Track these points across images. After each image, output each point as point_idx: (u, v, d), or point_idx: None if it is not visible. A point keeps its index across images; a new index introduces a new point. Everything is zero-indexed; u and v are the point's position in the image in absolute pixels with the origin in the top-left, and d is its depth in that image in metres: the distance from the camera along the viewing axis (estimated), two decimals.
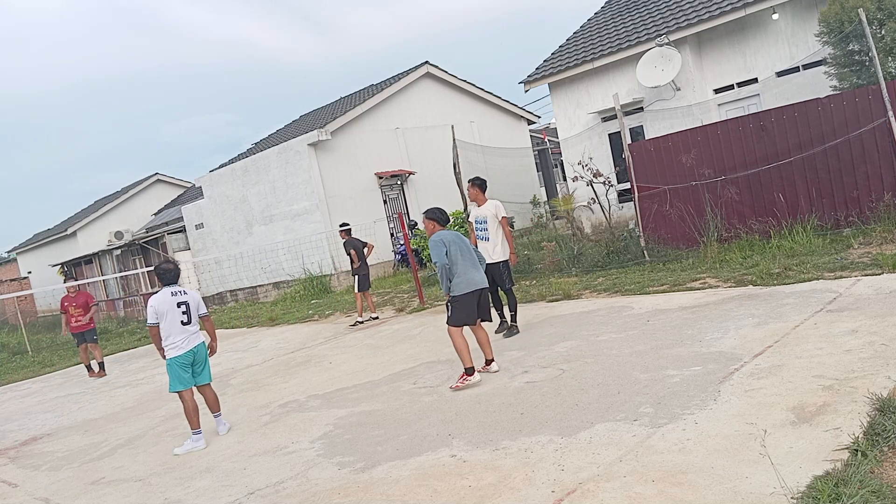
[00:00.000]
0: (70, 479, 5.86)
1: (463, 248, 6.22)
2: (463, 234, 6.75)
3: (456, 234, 6.34)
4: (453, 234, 6.34)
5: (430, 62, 20.95)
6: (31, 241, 33.83)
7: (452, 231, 6.40)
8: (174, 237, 22.92)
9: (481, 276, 6.29)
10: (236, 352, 11.40)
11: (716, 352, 5.39)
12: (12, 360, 17.37)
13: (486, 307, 6.39)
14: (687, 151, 10.06)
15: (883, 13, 10.06)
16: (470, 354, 6.00)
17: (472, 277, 6.18)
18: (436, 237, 6.27)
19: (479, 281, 6.21)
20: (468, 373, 5.95)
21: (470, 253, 6.28)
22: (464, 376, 5.97)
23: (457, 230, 15.95)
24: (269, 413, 6.62)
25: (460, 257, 6.17)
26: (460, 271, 6.15)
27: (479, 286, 6.21)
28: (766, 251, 8.88)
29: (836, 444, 3.40)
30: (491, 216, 7.75)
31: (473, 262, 6.27)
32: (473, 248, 6.39)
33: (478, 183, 7.86)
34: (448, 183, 14.27)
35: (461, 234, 6.50)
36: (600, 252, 11.19)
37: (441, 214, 6.46)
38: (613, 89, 14.18)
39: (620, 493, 3.39)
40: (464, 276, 6.14)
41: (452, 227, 16.30)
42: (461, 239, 6.30)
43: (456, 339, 6.05)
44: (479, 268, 6.32)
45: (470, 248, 6.32)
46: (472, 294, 6.15)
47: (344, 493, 4.20)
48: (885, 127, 8.51)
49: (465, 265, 6.18)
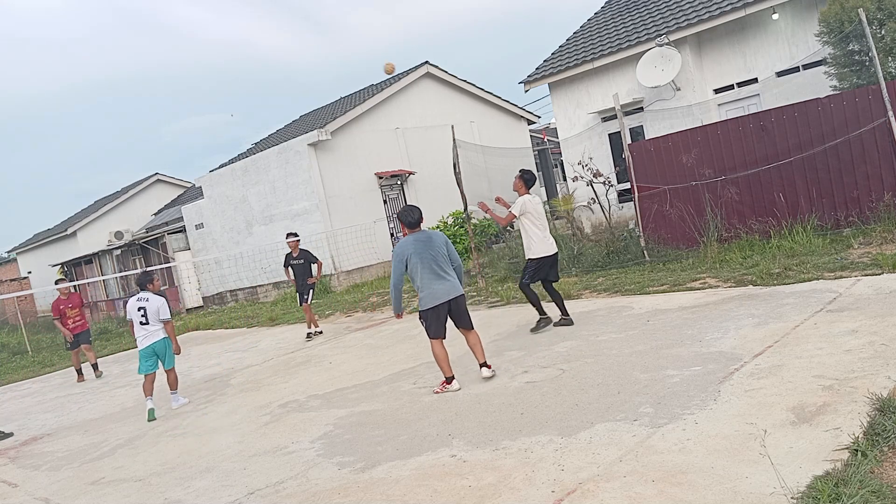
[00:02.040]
0: (70, 479, 5.86)
1: (426, 256, 5.77)
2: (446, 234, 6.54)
3: (420, 241, 5.83)
4: (416, 239, 5.84)
5: (430, 62, 20.96)
6: (31, 241, 33.83)
7: (420, 234, 5.89)
8: (174, 237, 22.92)
9: (446, 287, 5.84)
10: (236, 352, 11.40)
11: (716, 352, 5.38)
12: (12, 360, 17.37)
13: (460, 315, 5.99)
14: (687, 151, 10.06)
15: (883, 13, 10.06)
16: (449, 364, 5.96)
17: (435, 291, 5.81)
18: (397, 248, 5.89)
19: (441, 294, 5.82)
20: (447, 381, 5.98)
21: (435, 261, 5.80)
22: (443, 383, 6.00)
23: (456, 230, 16.13)
24: (269, 413, 6.62)
25: (420, 268, 5.77)
26: (423, 285, 5.83)
27: (443, 300, 5.82)
28: (766, 251, 8.88)
29: (836, 444, 3.40)
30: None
31: (438, 273, 5.82)
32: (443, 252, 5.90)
33: (526, 178, 7.48)
34: (448, 183, 14.25)
35: (433, 234, 6.00)
36: (600, 252, 11.18)
37: (407, 215, 5.94)
38: (613, 89, 14.18)
39: (620, 493, 3.39)
40: (427, 290, 5.83)
41: (452, 228, 16.45)
42: (428, 244, 5.83)
43: (434, 349, 5.94)
44: (445, 278, 5.85)
45: (438, 254, 5.83)
46: (440, 307, 5.85)
47: (344, 493, 4.20)
48: (885, 127, 8.51)
49: (428, 278, 5.80)
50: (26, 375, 14.19)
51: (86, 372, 12.18)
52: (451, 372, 5.99)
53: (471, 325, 6.09)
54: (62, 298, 11.42)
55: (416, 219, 5.96)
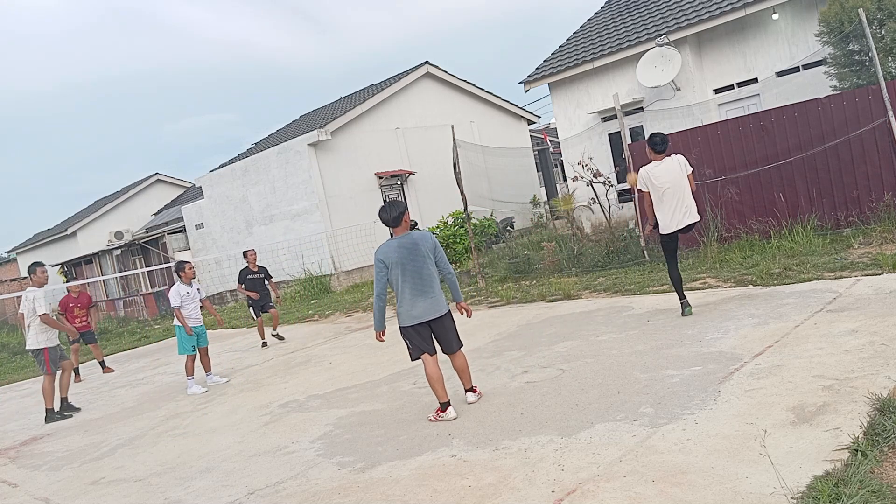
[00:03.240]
0: (70, 479, 5.85)
1: (409, 268, 5.08)
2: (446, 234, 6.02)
3: (404, 246, 5.10)
4: (400, 244, 5.11)
5: (430, 62, 20.97)
6: (31, 241, 33.82)
7: (404, 238, 5.14)
8: (174, 237, 22.93)
9: (426, 305, 5.12)
10: (236, 352, 11.41)
11: (716, 352, 5.38)
12: (12, 360, 17.37)
13: (444, 336, 5.28)
14: (687, 151, 10.04)
15: (883, 13, 10.06)
16: (444, 387, 5.18)
17: (414, 309, 5.11)
18: (378, 253, 5.17)
19: (420, 314, 5.12)
20: (442, 408, 5.19)
21: (419, 273, 5.09)
22: (438, 410, 5.22)
23: (456, 230, 16.11)
24: (269, 413, 6.62)
25: (401, 281, 5.09)
26: (402, 300, 5.16)
27: (422, 319, 5.14)
28: (766, 251, 8.88)
29: (836, 444, 3.40)
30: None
31: (420, 287, 5.11)
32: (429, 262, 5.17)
33: (654, 140, 6.73)
34: (448, 183, 14.26)
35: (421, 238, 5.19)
36: (600, 252, 11.19)
37: (384, 212, 5.13)
38: (613, 89, 14.18)
39: (620, 493, 3.39)
40: (405, 307, 5.16)
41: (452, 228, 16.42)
42: (412, 251, 5.09)
43: (426, 369, 5.20)
44: (428, 294, 5.12)
45: (424, 265, 5.11)
46: (420, 325, 5.18)
47: (344, 493, 4.20)
48: (885, 127, 8.51)
49: (409, 293, 5.10)
50: (26, 375, 14.20)
51: (85, 373, 12.19)
52: (446, 397, 5.18)
53: (456, 349, 5.33)
54: (72, 296, 11.76)
55: (394, 216, 5.11)
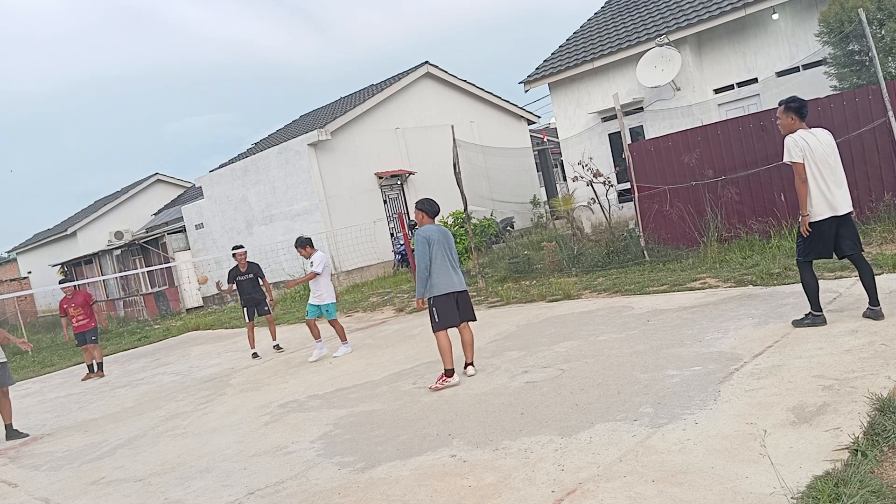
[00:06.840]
0: (70, 479, 5.85)
1: (446, 246, 6.18)
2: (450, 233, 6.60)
3: (441, 232, 6.26)
4: (440, 230, 6.26)
5: (430, 62, 20.95)
6: (31, 241, 33.82)
7: (440, 226, 6.33)
8: (174, 237, 22.92)
9: (459, 278, 6.23)
10: (236, 352, 11.41)
11: (716, 352, 5.38)
12: (12, 360, 17.30)
13: (466, 306, 6.31)
14: (687, 151, 10.06)
15: (883, 13, 10.06)
16: (452, 356, 6.06)
17: (451, 279, 6.16)
18: (422, 233, 6.21)
19: (456, 283, 6.18)
20: (447, 374, 6.04)
21: (452, 253, 6.24)
22: (443, 377, 6.05)
23: (456, 230, 16.11)
24: (269, 413, 6.62)
25: (440, 257, 6.13)
26: (439, 271, 6.12)
27: (457, 289, 6.17)
28: (766, 251, 8.88)
29: (836, 444, 3.40)
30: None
31: (454, 263, 6.24)
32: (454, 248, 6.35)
33: (793, 107, 5.45)
34: (448, 183, 14.24)
35: (448, 230, 6.46)
36: (600, 252, 11.19)
37: (430, 206, 6.38)
38: (613, 89, 14.18)
39: (620, 493, 3.39)
40: (443, 277, 6.12)
41: (452, 228, 16.43)
42: (446, 237, 6.25)
43: (441, 340, 6.09)
44: (458, 271, 6.26)
45: (453, 248, 6.28)
46: (450, 296, 6.13)
47: (344, 493, 4.20)
48: (885, 127, 8.51)
49: (444, 266, 6.14)
50: (26, 375, 14.19)
51: (77, 373, 12.21)
52: (452, 364, 6.05)
53: (474, 318, 6.34)
54: (66, 297, 11.75)
55: (437, 209, 6.39)
